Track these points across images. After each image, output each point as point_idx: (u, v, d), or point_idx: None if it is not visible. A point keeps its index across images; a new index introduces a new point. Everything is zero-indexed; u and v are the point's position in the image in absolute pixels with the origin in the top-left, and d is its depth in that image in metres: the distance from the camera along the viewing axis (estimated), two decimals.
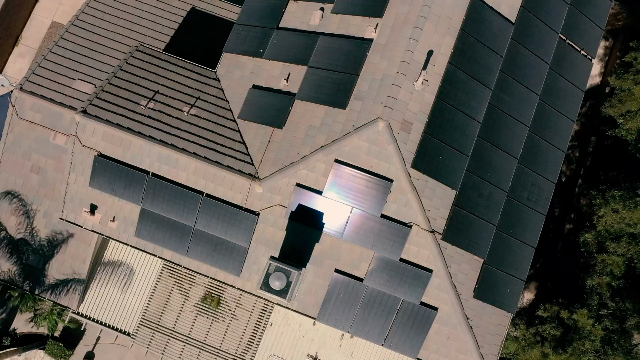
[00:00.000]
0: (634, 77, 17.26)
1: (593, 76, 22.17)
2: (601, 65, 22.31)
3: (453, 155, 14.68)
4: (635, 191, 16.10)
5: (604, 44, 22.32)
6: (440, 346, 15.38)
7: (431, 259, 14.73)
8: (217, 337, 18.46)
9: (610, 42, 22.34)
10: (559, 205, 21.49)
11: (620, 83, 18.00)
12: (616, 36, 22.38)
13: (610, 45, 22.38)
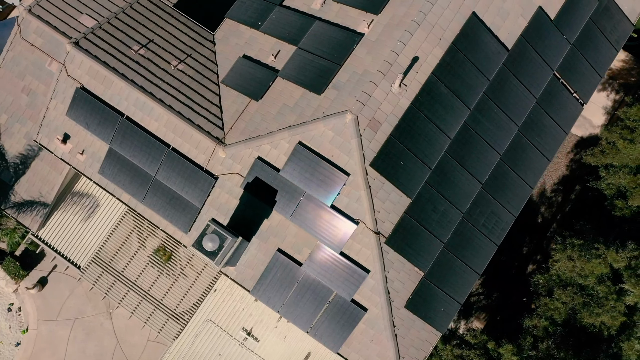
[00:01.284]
0: (620, 132, 17.03)
1: (595, 126, 21.88)
2: (606, 118, 21.99)
3: (415, 164, 14.72)
4: (594, 244, 15.92)
5: (614, 97, 22.00)
6: (363, 347, 15.48)
7: (371, 260, 14.83)
8: (161, 290, 18.84)
9: (620, 96, 22.00)
10: (529, 244, 21.30)
11: (607, 135, 17.77)
12: (627, 91, 22.02)
13: (619, 99, 22.05)
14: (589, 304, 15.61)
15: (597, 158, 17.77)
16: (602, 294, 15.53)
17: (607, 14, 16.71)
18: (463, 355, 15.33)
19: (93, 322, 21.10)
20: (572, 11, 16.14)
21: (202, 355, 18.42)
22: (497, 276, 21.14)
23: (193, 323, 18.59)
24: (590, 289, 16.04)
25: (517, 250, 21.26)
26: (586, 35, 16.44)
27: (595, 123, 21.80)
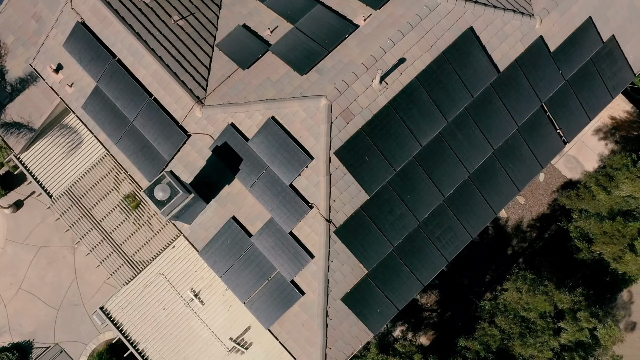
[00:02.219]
0: (599, 178, 16.87)
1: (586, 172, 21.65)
2: (599, 165, 21.75)
3: (380, 162, 14.83)
4: (544, 281, 15.84)
5: (612, 147, 21.72)
6: (293, 329, 15.66)
7: (317, 246, 14.99)
8: (123, 235, 19.25)
9: (619, 148, 21.73)
10: (493, 273, 21.21)
11: (586, 179, 17.63)
12: (626, 144, 21.74)
13: (617, 150, 21.78)
14: (525, 335, 15.58)
15: (572, 201, 17.65)
16: (540, 328, 15.49)
17: (610, 59, 16.55)
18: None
19: (57, 253, 21.67)
20: (573, 48, 16.03)
21: (148, 306, 18.78)
22: (455, 297, 21.10)
23: (146, 273, 18.96)
24: (530, 322, 16.00)
25: (480, 276, 21.18)
26: (583, 75, 16.31)
27: (587, 168, 21.57)
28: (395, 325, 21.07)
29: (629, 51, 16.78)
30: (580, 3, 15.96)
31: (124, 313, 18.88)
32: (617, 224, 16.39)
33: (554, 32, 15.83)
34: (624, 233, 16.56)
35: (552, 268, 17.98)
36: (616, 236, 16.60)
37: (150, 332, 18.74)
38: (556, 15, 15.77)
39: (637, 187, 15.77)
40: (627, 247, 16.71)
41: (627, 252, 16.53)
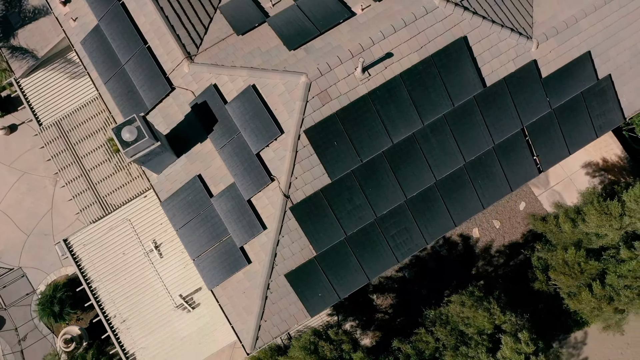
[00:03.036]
0: (568, 210, 16.74)
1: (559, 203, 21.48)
2: (579, 200, 21.55)
3: (348, 150, 14.98)
4: (490, 300, 15.82)
5: (597, 184, 21.45)
6: (235, 295, 15.92)
7: (272, 218, 15.21)
8: (100, 175, 19.69)
9: (601, 190, 21.51)
10: (453, 289, 21.19)
11: (558, 208, 17.53)
12: (611, 188, 21.49)
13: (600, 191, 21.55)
14: (458, 347, 15.62)
15: (542, 225, 17.57)
16: (474, 343, 15.52)
17: (602, 97, 16.44)
18: (317, 344, 15.58)
19: (39, 182, 22.26)
20: (565, 78, 15.96)
21: (109, 248, 19.21)
22: (410, 305, 21.14)
23: (114, 216, 19.39)
24: (467, 337, 16.02)
25: (440, 290, 21.18)
26: (570, 107, 16.22)
27: (569, 203, 21.39)
28: (347, 320, 21.20)
29: (623, 94, 16.64)
30: (582, 36, 15.89)
31: (85, 250, 19.35)
32: (579, 256, 16.28)
33: (549, 58, 15.79)
34: (584, 269, 16.45)
35: (508, 294, 17.95)
36: (575, 270, 16.49)
37: (106, 273, 19.19)
38: (554, 43, 15.72)
39: (602, 221, 15.64)
40: (584, 285, 16.59)
41: (584, 291, 16.41)
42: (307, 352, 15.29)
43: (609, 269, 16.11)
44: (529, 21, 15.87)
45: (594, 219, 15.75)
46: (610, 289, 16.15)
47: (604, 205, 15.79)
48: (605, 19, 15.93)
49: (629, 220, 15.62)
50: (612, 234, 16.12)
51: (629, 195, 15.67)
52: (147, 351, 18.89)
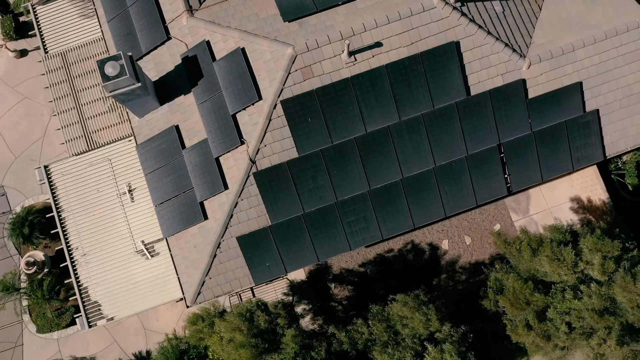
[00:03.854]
0: (532, 238, 16.67)
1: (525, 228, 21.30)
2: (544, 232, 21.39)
3: (320, 129, 15.20)
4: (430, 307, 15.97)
5: (575, 221, 21.24)
6: (186, 247, 16.28)
7: (234, 180, 15.52)
8: (93, 111, 20.03)
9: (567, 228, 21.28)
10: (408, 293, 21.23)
11: (523, 234, 17.50)
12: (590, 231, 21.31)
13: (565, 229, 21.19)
14: (388, 344, 15.75)
15: (504, 247, 17.57)
16: (405, 344, 15.63)
17: (585, 130, 16.36)
18: (252, 312, 15.85)
19: (37, 109, 22.89)
20: (551, 103, 15.95)
21: (85, 182, 19.66)
22: (365, 301, 21.24)
23: (96, 153, 19.86)
24: (400, 337, 16.13)
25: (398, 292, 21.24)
26: (551, 134, 16.19)
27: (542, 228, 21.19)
28: (301, 302, 21.39)
29: (607, 132, 16.55)
30: (576, 65, 15.86)
31: (63, 180, 19.89)
32: (527, 288, 16.25)
33: (539, 81, 15.79)
34: (530, 300, 16.39)
35: (455, 307, 17.96)
36: (521, 300, 16.46)
37: (77, 206, 19.68)
38: (547, 66, 15.72)
39: (554, 267, 15.60)
40: (524, 319, 16.52)
41: (522, 325, 16.32)
42: (242, 319, 15.55)
43: (553, 304, 16.06)
44: (527, 40, 15.89)
45: (545, 265, 15.72)
46: (550, 325, 16.07)
47: (557, 251, 15.70)
48: (602, 53, 15.88)
49: (583, 265, 15.54)
50: (568, 277, 16.06)
51: (585, 242, 15.60)
52: (100, 288, 19.34)
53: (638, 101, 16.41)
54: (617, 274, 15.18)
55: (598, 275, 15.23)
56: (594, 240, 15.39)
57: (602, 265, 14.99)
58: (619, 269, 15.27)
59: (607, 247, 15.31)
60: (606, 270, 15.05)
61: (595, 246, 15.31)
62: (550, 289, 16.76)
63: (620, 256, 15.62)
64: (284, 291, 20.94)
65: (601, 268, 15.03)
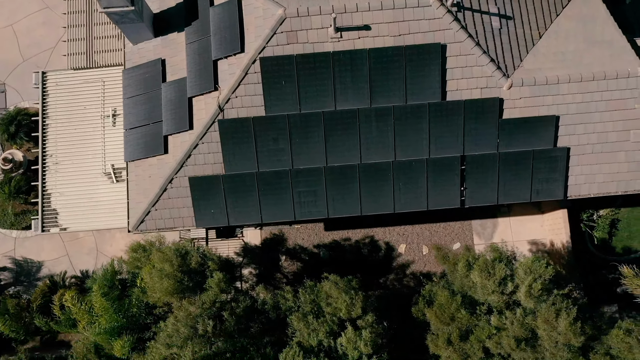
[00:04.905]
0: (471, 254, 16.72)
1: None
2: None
3: (291, 97, 15.54)
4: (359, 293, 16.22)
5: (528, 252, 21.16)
6: (142, 175, 16.88)
7: (200, 123, 15.97)
8: (102, 32, 20.64)
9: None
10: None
11: (465, 250, 17.55)
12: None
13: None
14: (307, 315, 16.05)
15: (442, 259, 17.68)
16: (323, 319, 15.94)
17: (551, 165, 16.34)
18: (188, 252, 16.31)
19: (55, 20, 23.34)
20: (524, 129, 15.97)
21: (75, 96, 20.26)
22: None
23: (93, 73, 20.57)
24: (322, 314, 16.38)
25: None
26: (517, 159, 16.22)
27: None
28: (250, 265, 21.81)
29: (574, 173, 16.49)
30: (557, 99, 15.86)
31: (55, 89, 20.64)
32: (454, 302, 16.32)
33: (516, 104, 15.86)
34: (455, 316, 16.48)
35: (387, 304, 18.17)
36: (447, 315, 16.55)
37: (62, 116, 20.37)
38: (528, 92, 15.77)
39: (483, 278, 15.62)
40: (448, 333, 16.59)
41: (442, 338, 16.37)
42: (176, 254, 16.03)
43: (477, 326, 16.13)
44: (515, 63, 15.96)
45: (476, 276, 15.78)
46: (469, 346, 16.13)
47: (489, 265, 15.73)
48: (586, 94, 15.85)
49: (511, 287, 15.55)
50: (496, 297, 16.10)
51: (521, 264, 15.61)
52: (62, 197, 20.05)
53: (611, 150, 16.33)
54: (543, 305, 15.19)
55: (523, 298, 15.25)
56: (528, 262, 15.44)
57: (530, 286, 15.02)
58: (546, 298, 15.28)
59: (541, 271, 15.35)
60: (533, 293, 15.06)
61: (529, 268, 15.34)
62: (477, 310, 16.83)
63: (551, 289, 15.64)
64: (236, 251, 21.41)
65: (528, 290, 15.06)
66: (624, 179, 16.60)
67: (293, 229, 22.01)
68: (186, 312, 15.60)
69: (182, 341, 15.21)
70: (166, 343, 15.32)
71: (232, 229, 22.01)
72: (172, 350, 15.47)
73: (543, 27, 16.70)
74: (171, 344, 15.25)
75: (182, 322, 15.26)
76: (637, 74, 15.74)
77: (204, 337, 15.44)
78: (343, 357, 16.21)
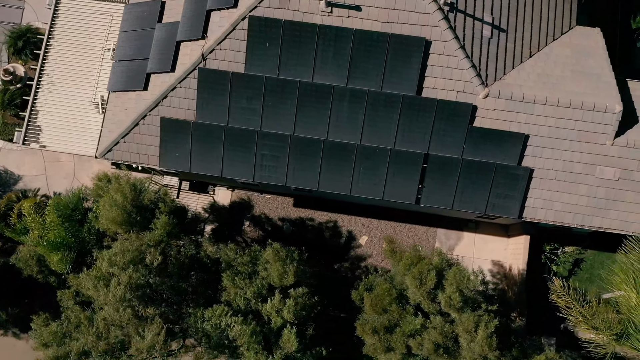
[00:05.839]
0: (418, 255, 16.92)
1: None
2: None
3: (272, 60, 15.90)
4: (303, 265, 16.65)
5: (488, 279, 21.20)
6: (120, 106, 17.50)
7: (182, 67, 16.46)
8: None
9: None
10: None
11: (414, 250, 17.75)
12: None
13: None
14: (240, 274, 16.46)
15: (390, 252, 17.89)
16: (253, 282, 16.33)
17: (512, 182, 16.39)
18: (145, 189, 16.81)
19: None
20: (491, 141, 16.05)
21: (83, 24, 20.84)
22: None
23: (104, 5, 21.07)
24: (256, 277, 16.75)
25: None
26: (479, 169, 16.32)
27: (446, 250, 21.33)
28: (213, 223, 22.22)
29: (533, 195, 16.53)
30: (530, 118, 15.92)
31: (67, 12, 21.28)
32: (389, 294, 16.53)
33: (489, 115, 15.96)
34: (387, 309, 16.68)
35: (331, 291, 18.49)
36: (380, 305, 16.77)
37: (66, 40, 21.01)
38: (502, 105, 15.87)
39: (414, 284, 15.84)
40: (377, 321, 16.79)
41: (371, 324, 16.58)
42: (132, 188, 16.52)
43: (403, 322, 16.33)
44: (498, 74, 16.07)
45: (410, 280, 15.98)
46: (394, 339, 16.31)
47: (424, 272, 15.88)
48: (560, 119, 15.88)
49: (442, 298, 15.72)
50: (426, 305, 16.27)
51: (449, 273, 15.72)
52: (49, 116, 20.72)
53: (574, 181, 16.33)
54: (464, 315, 15.33)
55: (444, 305, 15.41)
56: (454, 271, 15.59)
57: (450, 297, 15.19)
58: (469, 310, 15.41)
59: (466, 282, 15.49)
60: (453, 304, 15.21)
61: (455, 277, 15.49)
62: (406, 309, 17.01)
63: (479, 301, 15.75)
64: (204, 207, 21.88)
65: (449, 300, 15.22)
66: (581, 213, 16.58)
67: (263, 198, 22.40)
68: (136, 240, 16.04)
69: (126, 263, 15.52)
70: (110, 260, 15.69)
71: (205, 185, 22.49)
72: (113, 270, 15.79)
73: (536, 47, 16.77)
74: (114, 263, 15.60)
75: (130, 246, 15.68)
76: (614, 110, 15.73)
77: (147, 268, 15.83)
78: (268, 322, 16.56)
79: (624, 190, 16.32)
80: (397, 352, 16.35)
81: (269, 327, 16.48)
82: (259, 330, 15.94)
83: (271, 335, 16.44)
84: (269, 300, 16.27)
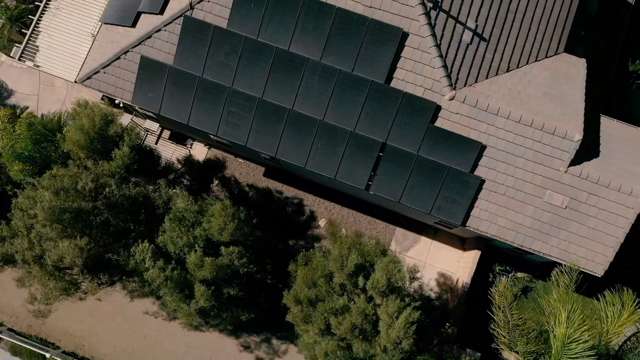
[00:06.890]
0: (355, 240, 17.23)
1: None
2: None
3: (255, 21, 16.42)
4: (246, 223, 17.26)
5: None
6: (107, 37, 18.16)
7: (170, 12, 17.05)
8: None
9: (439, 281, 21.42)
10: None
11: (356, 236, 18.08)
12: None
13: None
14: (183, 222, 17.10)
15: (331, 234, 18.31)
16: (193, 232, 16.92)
17: (461, 189, 16.55)
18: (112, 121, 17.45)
19: None
20: (448, 143, 16.23)
21: None
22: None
23: None
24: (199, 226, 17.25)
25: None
26: (431, 168, 16.51)
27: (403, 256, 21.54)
28: (184, 177, 22.75)
29: (479, 206, 16.67)
30: (489, 129, 16.07)
31: None
32: (319, 269, 16.88)
33: (451, 117, 16.16)
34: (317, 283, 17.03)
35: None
36: (310, 278, 17.14)
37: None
38: (466, 110, 16.06)
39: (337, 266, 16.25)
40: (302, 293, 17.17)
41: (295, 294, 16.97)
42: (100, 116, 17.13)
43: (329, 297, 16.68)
44: (469, 81, 16.25)
45: (331, 264, 16.51)
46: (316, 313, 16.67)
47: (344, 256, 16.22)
48: (518, 136, 16.00)
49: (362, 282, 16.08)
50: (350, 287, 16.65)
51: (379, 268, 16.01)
52: (49, 39, 21.65)
53: (522, 200, 16.43)
54: (390, 299, 15.55)
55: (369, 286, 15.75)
56: (386, 260, 15.85)
57: (377, 280, 15.49)
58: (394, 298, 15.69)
59: (396, 273, 15.76)
60: (377, 286, 15.47)
61: (387, 266, 15.75)
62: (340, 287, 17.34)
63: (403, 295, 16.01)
64: (179, 158, 22.46)
65: (375, 282, 15.52)
66: (523, 233, 16.67)
67: (236, 162, 22.91)
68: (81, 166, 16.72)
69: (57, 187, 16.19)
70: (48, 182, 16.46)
71: (184, 138, 23.08)
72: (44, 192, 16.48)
73: (515, 64, 16.88)
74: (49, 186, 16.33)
75: (68, 172, 16.37)
76: (573, 138, 15.80)
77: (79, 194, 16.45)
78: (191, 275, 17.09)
79: (569, 220, 16.37)
80: (315, 326, 16.70)
81: (192, 278, 17.05)
82: (178, 278, 16.51)
83: (192, 286, 17.01)
84: (191, 253, 16.77)
